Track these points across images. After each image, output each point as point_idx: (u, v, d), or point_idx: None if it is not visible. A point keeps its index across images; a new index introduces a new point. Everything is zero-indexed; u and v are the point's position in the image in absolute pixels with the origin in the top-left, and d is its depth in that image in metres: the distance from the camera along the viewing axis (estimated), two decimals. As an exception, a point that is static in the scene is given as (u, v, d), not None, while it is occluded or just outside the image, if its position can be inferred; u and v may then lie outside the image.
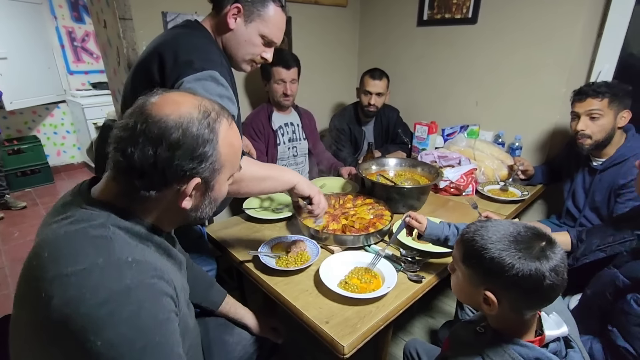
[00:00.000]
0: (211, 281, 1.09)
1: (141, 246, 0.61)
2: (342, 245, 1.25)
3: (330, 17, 2.49)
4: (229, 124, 0.65)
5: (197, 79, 0.90)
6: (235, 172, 0.70)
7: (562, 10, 1.75)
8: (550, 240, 0.61)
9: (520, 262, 0.58)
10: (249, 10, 0.99)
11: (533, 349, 0.62)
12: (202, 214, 0.68)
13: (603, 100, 1.42)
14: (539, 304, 0.63)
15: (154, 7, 1.69)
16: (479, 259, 0.62)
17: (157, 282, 0.56)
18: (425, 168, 1.70)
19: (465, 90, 2.23)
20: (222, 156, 0.63)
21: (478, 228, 0.66)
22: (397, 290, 1.04)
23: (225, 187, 0.69)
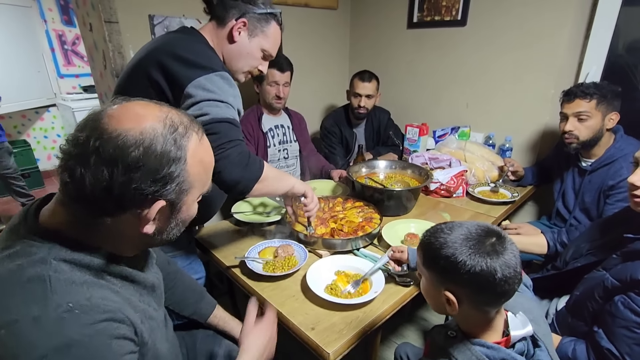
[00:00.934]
0: (202, 293, 1.05)
1: (90, 282, 0.54)
2: (331, 249, 1.23)
3: (321, 19, 2.48)
4: (199, 139, 0.58)
5: (210, 80, 0.91)
6: (205, 191, 0.62)
7: (549, 12, 1.76)
8: (500, 236, 0.63)
9: (471, 258, 0.60)
10: (254, 25, 1.05)
11: (499, 350, 0.62)
12: (168, 236, 0.61)
13: (591, 101, 1.43)
14: (497, 299, 0.63)
15: (140, 10, 1.67)
16: (436, 259, 0.64)
17: (105, 327, 0.51)
18: (415, 170, 1.69)
19: (456, 92, 2.24)
20: (190, 176, 0.56)
21: (434, 231, 0.68)
22: (385, 294, 1.02)
23: (194, 208, 0.62)
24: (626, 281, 0.83)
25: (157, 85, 0.95)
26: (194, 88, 0.89)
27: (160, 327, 0.71)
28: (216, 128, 0.88)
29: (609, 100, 1.42)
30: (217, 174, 0.88)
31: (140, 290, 0.65)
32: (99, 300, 0.52)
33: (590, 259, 1.03)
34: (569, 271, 1.08)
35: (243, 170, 0.91)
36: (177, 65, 0.92)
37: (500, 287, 0.60)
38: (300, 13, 2.32)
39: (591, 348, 0.87)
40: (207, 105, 0.89)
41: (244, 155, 0.92)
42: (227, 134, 0.89)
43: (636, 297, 0.80)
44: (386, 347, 1.74)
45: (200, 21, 1.88)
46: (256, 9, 1.02)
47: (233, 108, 0.94)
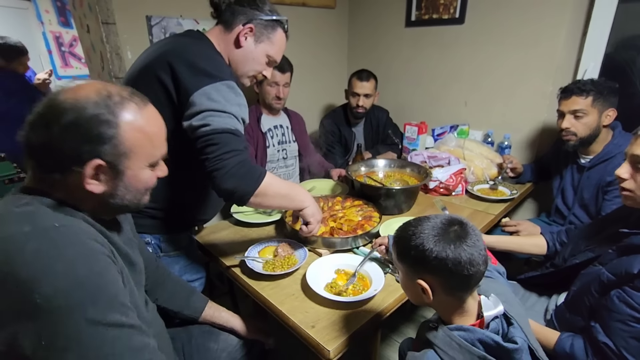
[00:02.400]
0: (191, 289, 1.08)
1: (69, 218, 0.62)
2: (330, 247, 1.23)
3: (319, 18, 2.48)
4: (139, 109, 0.64)
5: (216, 88, 0.91)
6: (154, 160, 0.69)
7: (547, 10, 1.77)
8: (461, 223, 0.68)
9: (437, 245, 0.65)
10: (260, 32, 1.06)
11: (474, 332, 0.66)
12: (124, 200, 0.68)
13: (587, 98, 1.43)
14: (466, 282, 0.67)
15: (137, 11, 1.67)
16: (408, 251, 0.69)
17: (89, 242, 0.59)
18: (414, 169, 1.70)
19: (454, 90, 2.24)
20: (127, 140, 0.62)
21: (404, 226, 0.73)
22: (385, 292, 1.03)
23: (143, 175, 0.68)
24: (621, 275, 0.84)
25: (164, 88, 0.95)
26: (199, 96, 0.90)
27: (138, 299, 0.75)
28: (216, 139, 0.89)
29: (605, 96, 1.42)
30: (213, 183, 0.90)
31: (116, 253, 0.70)
32: (80, 225, 0.62)
33: (588, 255, 1.03)
34: (567, 268, 1.08)
35: (238, 181, 0.90)
36: (186, 70, 0.93)
37: (467, 270, 0.64)
38: (298, 12, 2.32)
39: (588, 343, 0.88)
40: (209, 115, 0.89)
41: (241, 165, 0.91)
42: (226, 144, 0.89)
43: (631, 291, 0.81)
44: (387, 345, 1.75)
45: (197, 21, 1.88)
46: (263, 16, 1.04)
47: (236, 118, 0.93)
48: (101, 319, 0.55)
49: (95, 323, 0.54)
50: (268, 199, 0.98)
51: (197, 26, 1.88)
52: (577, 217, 1.63)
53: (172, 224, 1.13)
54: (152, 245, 1.11)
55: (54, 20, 4.20)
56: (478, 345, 0.64)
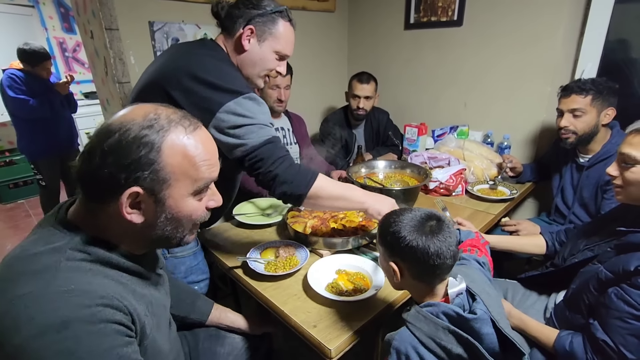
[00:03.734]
0: (196, 293, 1.09)
1: (96, 270, 0.58)
2: (331, 248, 1.25)
3: (319, 22, 2.51)
4: (185, 133, 0.60)
5: (239, 103, 0.93)
6: (198, 187, 0.62)
7: (544, 11, 1.78)
8: (439, 220, 0.74)
9: (411, 234, 0.72)
10: (261, 30, 1.04)
11: (439, 305, 0.73)
12: (165, 232, 0.63)
13: (586, 97, 1.44)
14: (432, 271, 0.73)
15: (140, 17, 1.70)
16: (385, 234, 0.76)
17: (101, 311, 0.53)
18: (414, 169, 1.71)
19: (454, 91, 2.26)
20: (169, 166, 0.58)
21: (390, 215, 0.80)
22: (385, 291, 1.04)
23: (187, 205, 0.62)
24: (619, 273, 0.85)
25: (177, 105, 0.95)
26: (225, 114, 0.92)
27: (164, 325, 0.74)
28: (259, 155, 0.93)
29: (604, 96, 1.44)
30: (270, 192, 0.98)
31: (148, 286, 0.69)
32: (97, 287, 0.56)
33: (587, 255, 1.04)
34: (567, 267, 1.09)
35: (290, 185, 0.96)
36: (204, 89, 0.93)
37: (433, 260, 0.70)
38: (298, 16, 2.31)
39: (587, 340, 0.88)
40: (242, 133, 0.93)
41: (290, 168, 0.96)
42: (270, 155, 0.94)
43: (628, 289, 0.82)
44: (389, 345, 1.75)
45: (199, 26, 1.91)
46: (260, 11, 1.02)
47: (268, 126, 0.97)
48: None
49: None
50: (323, 200, 1.02)
51: (198, 31, 1.91)
52: (577, 216, 1.64)
53: None
54: None
55: (58, 26, 4.25)
56: (442, 317, 0.72)
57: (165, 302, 0.77)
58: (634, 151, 0.87)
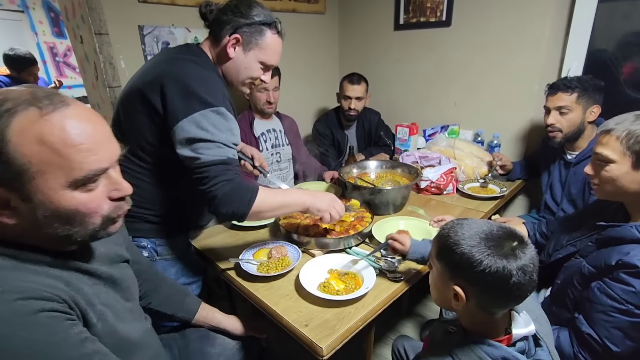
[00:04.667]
0: (185, 291, 1.09)
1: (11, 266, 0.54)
2: (324, 248, 1.26)
3: (310, 24, 2.52)
4: (41, 115, 0.51)
5: (205, 116, 0.93)
6: (80, 175, 0.54)
7: (530, 11, 1.81)
8: (522, 241, 0.62)
9: (488, 258, 0.59)
10: (247, 39, 1.03)
11: (500, 349, 0.63)
12: (58, 231, 0.56)
13: (572, 95, 1.47)
14: (505, 303, 0.63)
15: (129, 21, 1.70)
16: (451, 253, 0.64)
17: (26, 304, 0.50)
18: (405, 169, 1.73)
19: (444, 91, 2.28)
20: (21, 157, 0.49)
21: (453, 225, 0.68)
22: (376, 290, 1.05)
23: (66, 199, 0.54)
24: (601, 267, 0.87)
25: (154, 110, 0.97)
26: (188, 123, 0.92)
27: (128, 317, 0.72)
28: (207, 171, 0.94)
29: (590, 93, 1.47)
30: (209, 209, 0.98)
31: (92, 279, 0.66)
32: (17, 282, 0.52)
33: (570, 250, 1.07)
34: (552, 263, 1.11)
35: (230, 206, 0.96)
36: (178, 94, 0.93)
37: (512, 291, 0.60)
38: (289, 18, 2.35)
39: (573, 334, 0.90)
40: (199, 147, 0.93)
41: (232, 191, 0.96)
42: (216, 176, 0.94)
43: (610, 282, 0.84)
44: (384, 343, 1.77)
45: (189, 29, 1.92)
46: (248, 21, 1.01)
47: (226, 146, 0.97)
48: None
49: None
50: (265, 213, 1.04)
51: (188, 35, 1.91)
52: (566, 212, 1.66)
53: (169, 228, 1.15)
54: (148, 249, 1.13)
55: (48, 30, 4.23)
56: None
57: (125, 293, 0.75)
58: (605, 150, 0.90)
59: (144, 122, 1.00)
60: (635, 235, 0.85)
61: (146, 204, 1.09)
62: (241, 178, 1.00)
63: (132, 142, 1.02)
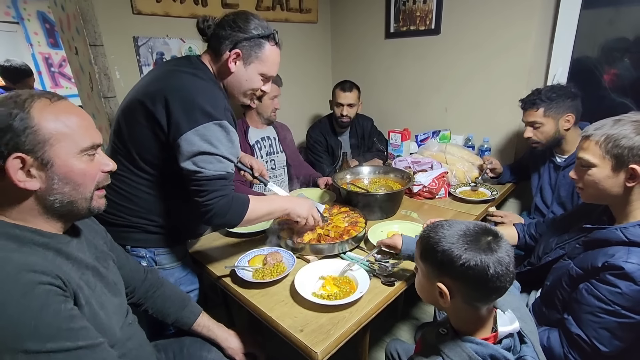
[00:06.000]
0: (185, 300, 1.09)
1: (9, 247, 0.62)
2: (318, 254, 1.28)
3: (302, 33, 2.57)
4: (50, 102, 0.66)
5: (209, 129, 0.96)
6: (84, 147, 0.68)
7: (516, 19, 1.87)
8: (496, 235, 0.66)
9: (467, 253, 0.64)
10: (247, 53, 1.06)
11: (487, 346, 0.66)
12: (65, 196, 0.68)
13: (539, 109, 1.54)
14: (488, 295, 0.66)
15: (124, 32, 1.73)
16: (433, 252, 0.68)
17: (25, 275, 0.58)
18: (397, 174, 1.76)
19: (435, 97, 2.33)
20: (43, 129, 0.63)
21: (434, 226, 0.72)
22: (370, 294, 1.07)
23: (77, 164, 0.68)
24: (588, 269, 0.89)
25: (157, 123, 0.99)
26: (192, 135, 0.95)
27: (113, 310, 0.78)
28: (206, 185, 0.98)
29: (558, 104, 1.51)
30: (203, 219, 1.02)
31: (81, 268, 0.72)
32: (18, 257, 0.61)
33: (559, 253, 1.09)
34: (542, 265, 1.14)
35: (224, 218, 1.03)
36: (181, 107, 0.96)
37: (492, 282, 0.63)
38: (282, 28, 2.37)
39: (563, 335, 0.92)
40: (201, 160, 0.96)
41: (226, 205, 1.01)
42: (214, 190, 0.99)
43: (597, 284, 0.86)
44: (379, 347, 1.78)
45: (184, 40, 1.95)
46: (247, 35, 1.03)
47: (227, 160, 1.00)
48: (40, 348, 0.56)
49: (34, 353, 0.55)
50: (253, 221, 1.11)
51: (183, 45, 1.94)
52: (555, 214, 1.69)
53: (167, 238, 1.16)
54: (147, 259, 1.14)
55: (43, 41, 4.25)
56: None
57: (113, 289, 0.81)
58: (586, 155, 0.93)
59: (146, 135, 1.02)
60: (620, 237, 0.87)
61: (145, 214, 1.10)
62: (234, 190, 1.04)
63: (133, 152, 1.04)
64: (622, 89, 1.80)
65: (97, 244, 0.84)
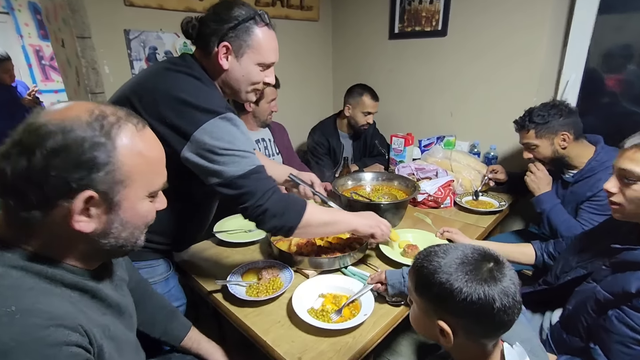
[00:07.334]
0: (173, 313, 1.00)
1: (39, 288, 0.52)
2: (318, 268, 1.18)
3: (303, 31, 2.48)
4: (136, 131, 0.56)
5: (216, 125, 0.86)
6: (154, 189, 0.60)
7: (527, 22, 1.79)
8: (497, 261, 0.60)
9: (468, 285, 0.56)
10: (237, 44, 0.94)
11: None
12: (120, 240, 0.58)
13: (530, 132, 1.47)
14: (495, 330, 0.60)
15: (115, 25, 1.63)
16: (429, 285, 0.61)
17: (52, 333, 0.47)
18: (402, 182, 1.67)
19: (440, 101, 2.24)
20: (125, 166, 0.53)
21: (427, 254, 0.64)
22: (375, 316, 0.98)
23: (142, 207, 0.59)
24: (619, 294, 0.81)
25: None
26: (201, 134, 0.85)
27: (129, 351, 0.67)
28: (242, 186, 0.87)
29: (549, 124, 1.43)
30: (258, 225, 0.94)
31: (102, 307, 0.62)
32: (46, 306, 0.49)
33: (580, 272, 1.01)
34: (560, 285, 1.06)
35: (280, 218, 0.92)
36: (178, 111, 0.86)
37: (499, 317, 0.56)
38: (281, 25, 2.29)
39: (588, 366, 0.84)
40: (222, 159, 0.86)
41: (280, 201, 0.91)
42: (256, 187, 0.88)
43: (630, 311, 0.78)
44: (378, 364, 1.69)
45: (178, 35, 1.84)
46: (231, 24, 0.91)
47: (251, 153, 0.89)
48: None
49: None
50: (313, 228, 1.00)
51: (177, 40, 1.84)
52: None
53: (151, 250, 1.06)
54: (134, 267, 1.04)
55: (34, 33, 4.11)
56: None
57: (129, 323, 0.71)
58: (636, 167, 0.81)
59: None
60: (655, 260, 0.79)
61: None
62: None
63: None
64: (633, 97, 1.73)
65: (116, 269, 0.73)
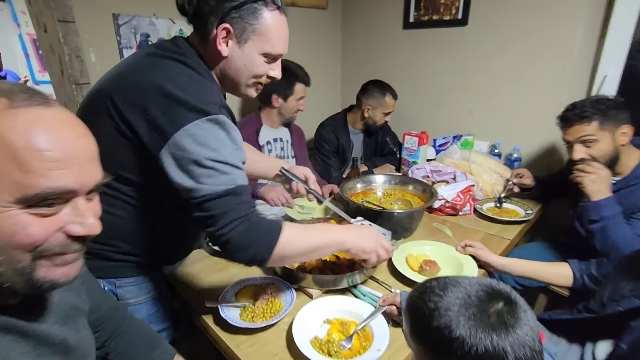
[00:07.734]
0: (155, 339, 0.87)
1: None
2: (323, 287, 1.03)
3: (310, 19, 2.31)
4: (7, 107, 0.40)
5: (202, 128, 0.72)
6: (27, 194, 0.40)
7: (559, 8, 1.61)
8: (509, 300, 0.48)
9: (471, 333, 0.46)
10: (241, 27, 0.79)
11: None
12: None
13: (592, 123, 1.25)
14: None
15: (102, 8, 1.48)
16: (426, 331, 0.50)
17: None
18: (417, 186, 1.51)
19: (458, 97, 2.07)
20: None
21: (423, 291, 0.54)
22: (391, 350, 0.83)
23: (7, 220, 0.40)
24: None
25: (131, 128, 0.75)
26: (182, 137, 0.70)
27: None
28: (211, 208, 0.72)
29: (612, 115, 1.24)
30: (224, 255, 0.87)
31: (38, 347, 0.51)
32: None
33: (635, 303, 0.85)
34: (608, 315, 0.90)
35: (246, 253, 0.77)
36: (162, 105, 0.72)
37: None
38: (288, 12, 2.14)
39: None
40: (198, 173, 0.71)
41: (247, 233, 0.75)
42: (224, 212, 0.73)
43: None
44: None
45: (173, 21, 1.69)
46: (235, 3, 0.77)
47: (234, 167, 0.75)
48: None
49: None
50: (292, 259, 0.87)
51: (172, 26, 1.69)
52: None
53: (134, 266, 0.92)
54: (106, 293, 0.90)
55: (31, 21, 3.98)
56: None
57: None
58: None
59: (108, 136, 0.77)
60: None
61: (105, 238, 0.84)
62: (258, 213, 0.78)
63: None
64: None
65: (67, 298, 0.60)
